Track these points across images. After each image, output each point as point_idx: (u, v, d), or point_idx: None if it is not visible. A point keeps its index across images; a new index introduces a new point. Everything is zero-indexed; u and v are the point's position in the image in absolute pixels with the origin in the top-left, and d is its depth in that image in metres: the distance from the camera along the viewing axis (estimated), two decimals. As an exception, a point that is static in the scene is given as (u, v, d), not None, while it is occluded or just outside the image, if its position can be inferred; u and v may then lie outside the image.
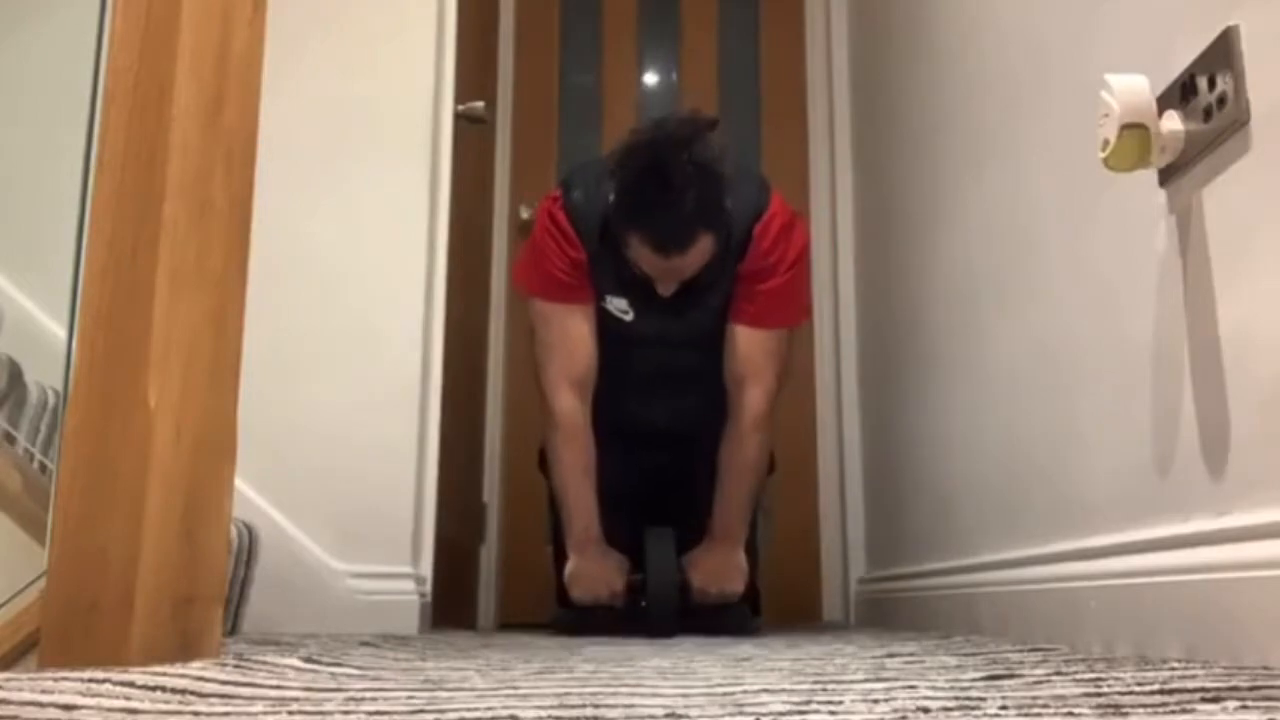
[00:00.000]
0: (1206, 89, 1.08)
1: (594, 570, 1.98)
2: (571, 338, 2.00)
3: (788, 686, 0.81)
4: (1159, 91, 1.14)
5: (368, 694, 0.79)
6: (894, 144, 2.54)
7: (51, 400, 1.63)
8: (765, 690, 0.78)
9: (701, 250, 1.85)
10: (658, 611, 1.89)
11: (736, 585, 2.01)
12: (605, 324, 2.03)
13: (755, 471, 2.04)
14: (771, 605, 2.43)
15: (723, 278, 1.97)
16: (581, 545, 2.00)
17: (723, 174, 1.82)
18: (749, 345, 2.00)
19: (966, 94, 1.97)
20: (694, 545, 2.02)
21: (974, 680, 0.84)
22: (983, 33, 1.89)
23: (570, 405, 2.00)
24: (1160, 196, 1.20)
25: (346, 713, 0.67)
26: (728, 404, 2.04)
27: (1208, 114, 1.07)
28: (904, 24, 2.45)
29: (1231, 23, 1.05)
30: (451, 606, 2.43)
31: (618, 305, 2.02)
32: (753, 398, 2.00)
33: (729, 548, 2.01)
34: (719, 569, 2.00)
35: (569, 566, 2.01)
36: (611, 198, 1.89)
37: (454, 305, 2.27)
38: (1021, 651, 1.21)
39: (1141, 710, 0.62)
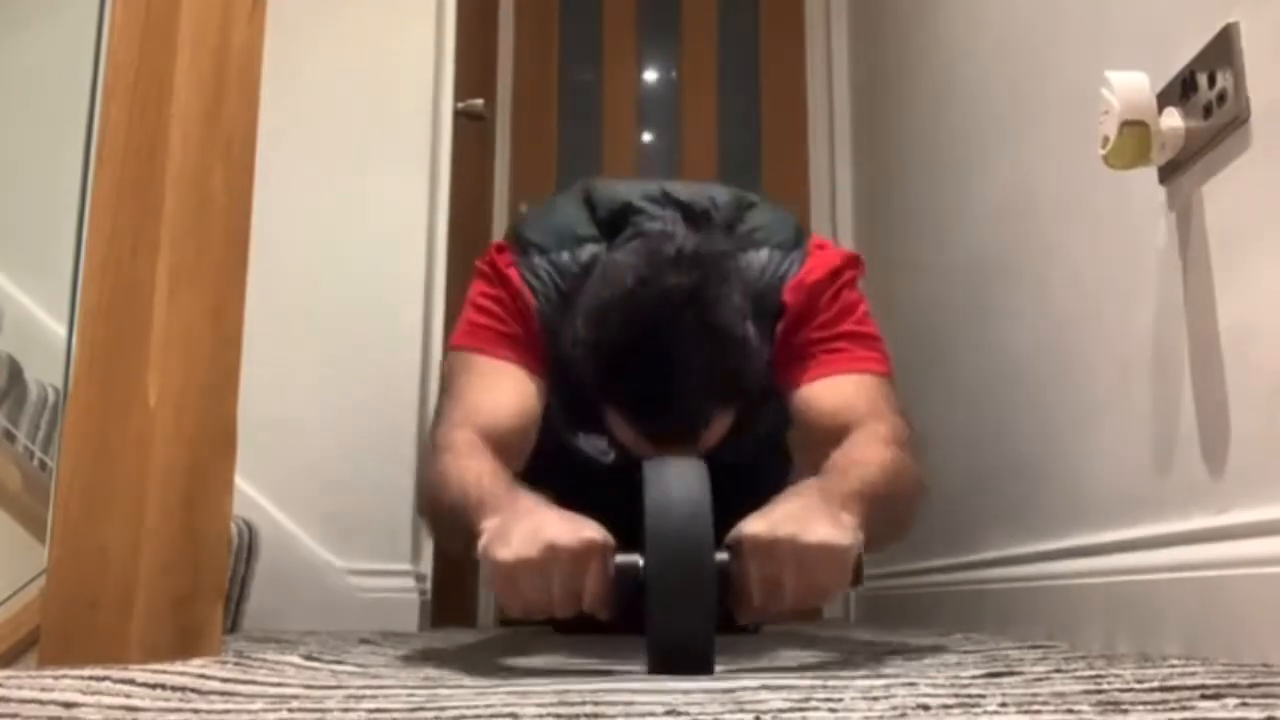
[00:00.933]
0: (1206, 86, 1.08)
1: (537, 541, 0.97)
2: (492, 392, 1.33)
3: (788, 684, 0.81)
4: (1159, 88, 1.14)
5: (367, 691, 0.79)
6: (894, 144, 2.54)
7: (51, 398, 1.63)
8: (765, 687, 0.78)
9: (716, 430, 1.29)
10: (677, 639, 0.93)
11: (839, 581, 1.01)
12: (567, 459, 1.48)
13: (896, 470, 1.18)
14: (771, 603, 2.42)
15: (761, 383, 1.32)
16: (496, 505, 1.08)
17: (746, 337, 1.24)
18: (840, 396, 1.31)
19: (966, 93, 1.97)
20: (748, 498, 1.07)
21: (974, 677, 0.84)
22: (982, 32, 1.89)
23: (466, 437, 1.26)
24: (1160, 193, 1.20)
25: (346, 710, 0.67)
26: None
27: (1208, 111, 1.07)
28: (904, 24, 2.45)
29: (1232, 20, 1.05)
30: (451, 604, 2.43)
31: (594, 445, 1.49)
32: (874, 430, 1.24)
33: (831, 507, 1.05)
34: (812, 546, 0.98)
35: (488, 550, 1.00)
36: (577, 342, 1.26)
37: (453, 302, 2.27)
38: (1021, 649, 1.21)
39: (1141, 707, 0.62)
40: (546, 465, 1.37)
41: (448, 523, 1.19)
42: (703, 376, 1.21)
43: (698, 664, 0.90)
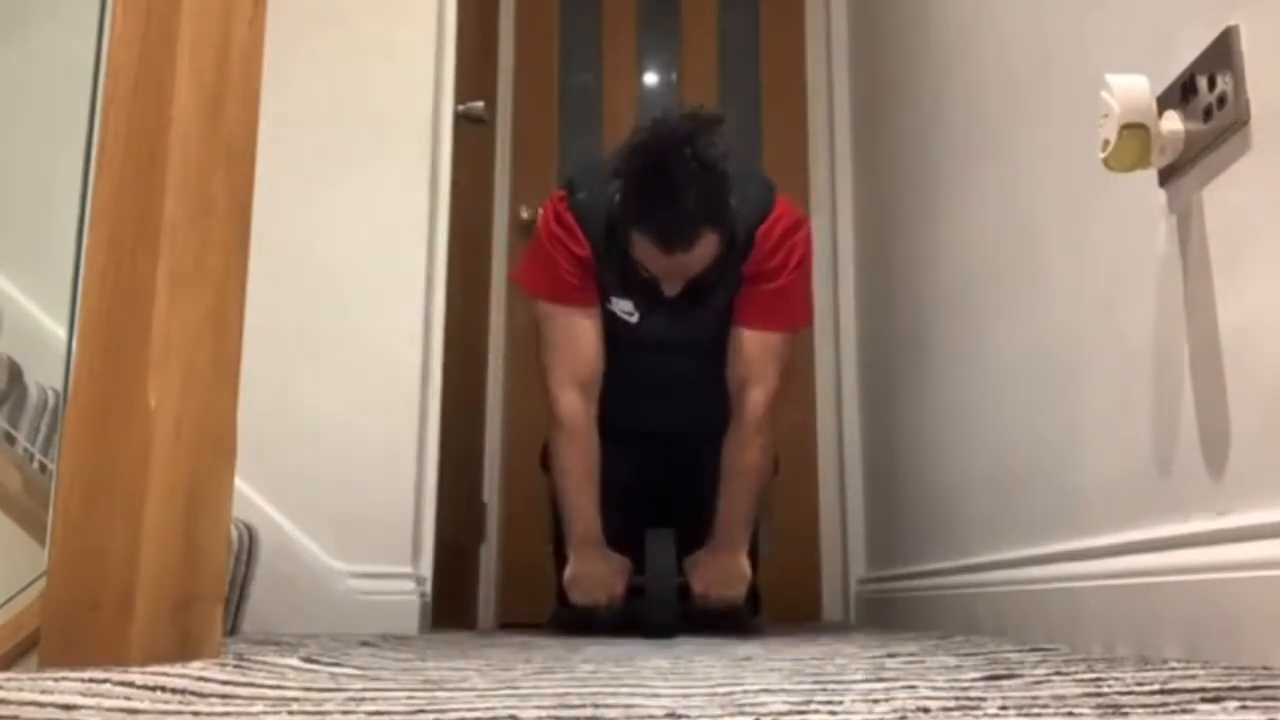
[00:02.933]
0: (1206, 89, 1.08)
1: (594, 572, 1.95)
2: (577, 339, 1.99)
3: (787, 686, 0.81)
4: (1159, 91, 1.14)
5: (367, 694, 0.79)
6: (894, 144, 2.54)
7: (51, 400, 1.63)
8: (765, 690, 0.78)
9: (706, 248, 1.83)
10: (658, 617, 1.86)
11: (738, 591, 1.97)
12: (610, 326, 2.02)
13: (757, 474, 2.01)
14: (771, 605, 2.43)
15: (727, 279, 1.95)
16: (581, 546, 1.97)
17: (727, 172, 1.80)
18: (752, 347, 1.99)
19: (966, 94, 1.97)
20: (697, 547, 2.00)
21: (974, 680, 0.84)
22: (982, 33, 1.89)
23: (575, 406, 1.98)
24: (1160, 196, 1.20)
25: (346, 713, 0.67)
26: (731, 407, 2.02)
27: (1208, 114, 1.07)
28: (904, 24, 2.46)
29: (1231, 23, 1.05)
30: (451, 606, 2.43)
31: (623, 307, 2.01)
32: (755, 400, 1.98)
33: (731, 552, 1.97)
34: (721, 574, 1.96)
35: (568, 569, 1.98)
36: (616, 198, 1.87)
37: (454, 305, 2.27)
38: (1021, 651, 1.21)
39: (1141, 710, 0.62)
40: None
41: (558, 497, 2.03)
42: (697, 194, 1.77)
43: (670, 630, 1.84)
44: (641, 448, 2.13)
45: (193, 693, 0.77)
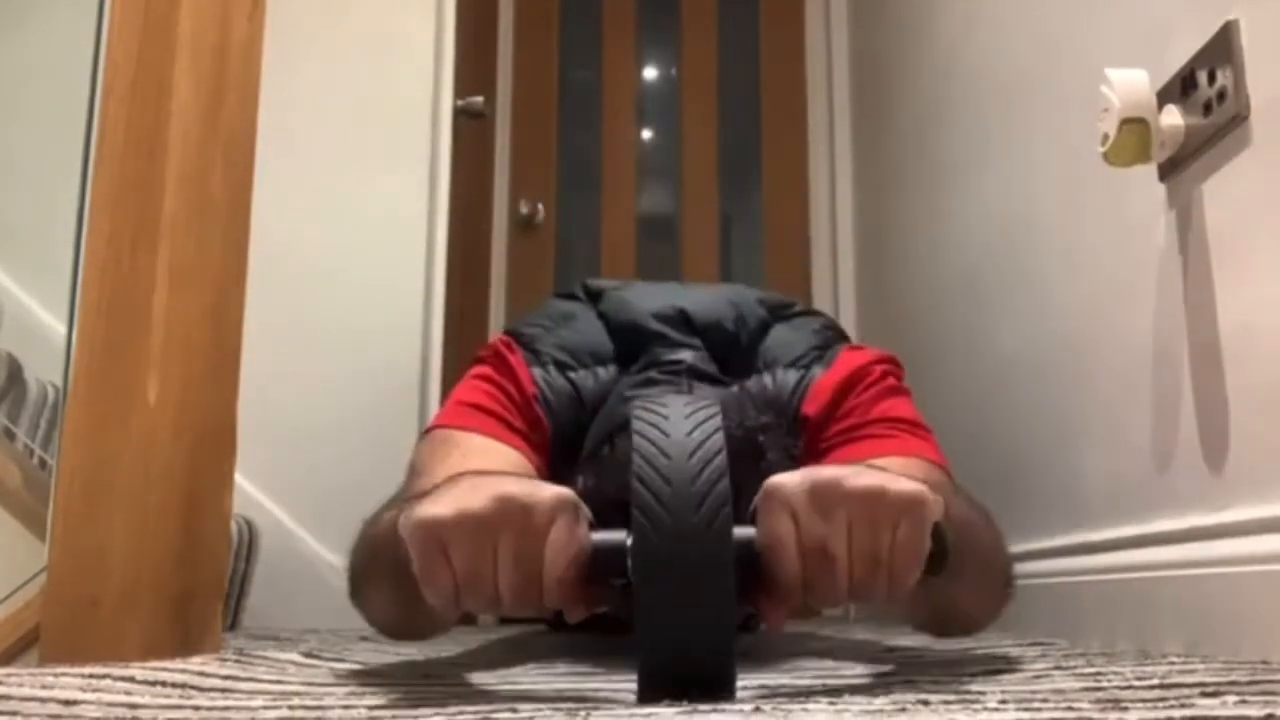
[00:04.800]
0: (1206, 83, 1.08)
1: (472, 489, 0.70)
2: (477, 462, 1.00)
3: (788, 681, 0.81)
4: (1159, 86, 1.14)
5: (368, 689, 0.79)
6: (894, 143, 2.54)
7: (51, 396, 1.63)
8: (763, 684, 0.78)
9: None
10: (669, 652, 0.65)
11: (914, 541, 0.70)
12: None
13: (977, 524, 0.97)
14: (771, 601, 2.42)
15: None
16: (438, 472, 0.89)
17: None
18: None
19: (966, 92, 1.97)
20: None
21: (974, 674, 0.84)
22: (982, 30, 1.89)
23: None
24: (1160, 191, 1.20)
25: (346, 707, 0.67)
26: None
27: (1208, 108, 1.07)
28: (904, 23, 2.45)
29: (1231, 17, 1.05)
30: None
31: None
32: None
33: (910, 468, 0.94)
34: (874, 492, 0.69)
35: (401, 518, 0.73)
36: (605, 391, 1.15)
37: (453, 300, 2.27)
38: (1021, 646, 1.21)
39: (1141, 705, 0.63)
40: None
41: (384, 576, 0.87)
42: None
43: (710, 684, 0.65)
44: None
45: (193, 687, 0.77)
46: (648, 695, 0.65)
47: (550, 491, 0.68)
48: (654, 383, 1.13)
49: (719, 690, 0.65)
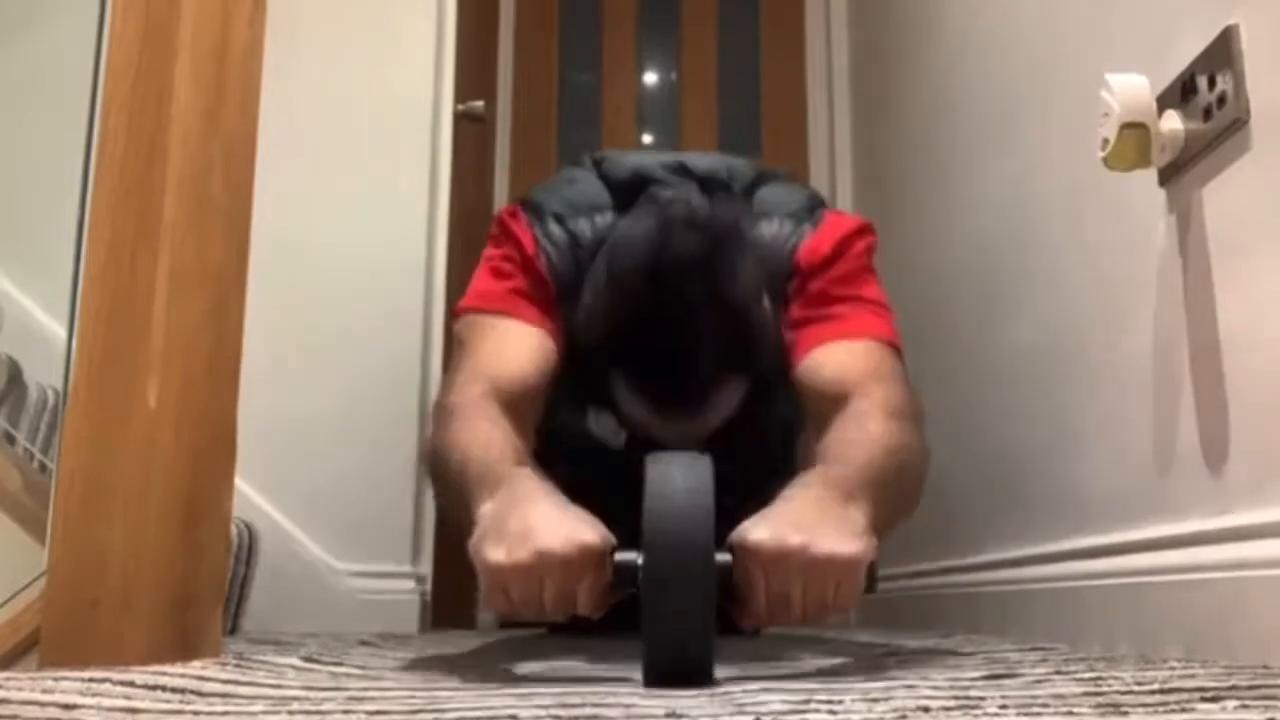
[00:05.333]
0: (1206, 88, 1.08)
1: (528, 541, 0.92)
2: (505, 351, 1.29)
3: (787, 686, 0.81)
4: (1159, 91, 1.14)
5: (368, 693, 0.79)
6: (894, 144, 2.54)
7: (51, 399, 1.63)
8: (765, 689, 0.78)
9: (727, 402, 1.26)
10: (664, 660, 0.85)
11: (849, 594, 0.94)
12: (578, 444, 1.43)
13: (899, 449, 1.13)
14: (771, 604, 2.42)
15: (766, 348, 1.28)
16: (495, 482, 1.05)
17: (752, 303, 1.22)
18: (839, 363, 1.25)
19: (966, 95, 1.97)
20: (750, 498, 1.01)
21: (974, 679, 0.84)
22: (982, 33, 1.89)
23: (474, 396, 1.22)
24: (1160, 196, 1.20)
25: (346, 712, 0.67)
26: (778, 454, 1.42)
27: (1207, 113, 1.07)
28: (904, 24, 2.45)
29: (1231, 22, 1.05)
30: (452, 605, 2.42)
31: (604, 426, 1.44)
32: (872, 398, 1.18)
33: (843, 505, 0.99)
34: (821, 542, 0.92)
35: (473, 543, 0.98)
36: (586, 315, 1.27)
37: (453, 304, 2.27)
38: (1021, 650, 1.21)
39: (1141, 709, 0.62)
40: (558, 452, 1.29)
41: (452, 493, 1.13)
42: (712, 345, 1.18)
43: (694, 675, 0.84)
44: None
45: (193, 692, 0.77)
46: (651, 680, 0.85)
47: (582, 539, 0.91)
48: (655, 201, 1.31)
49: (701, 678, 0.84)
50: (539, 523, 0.94)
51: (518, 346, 1.30)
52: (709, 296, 1.16)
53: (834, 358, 1.26)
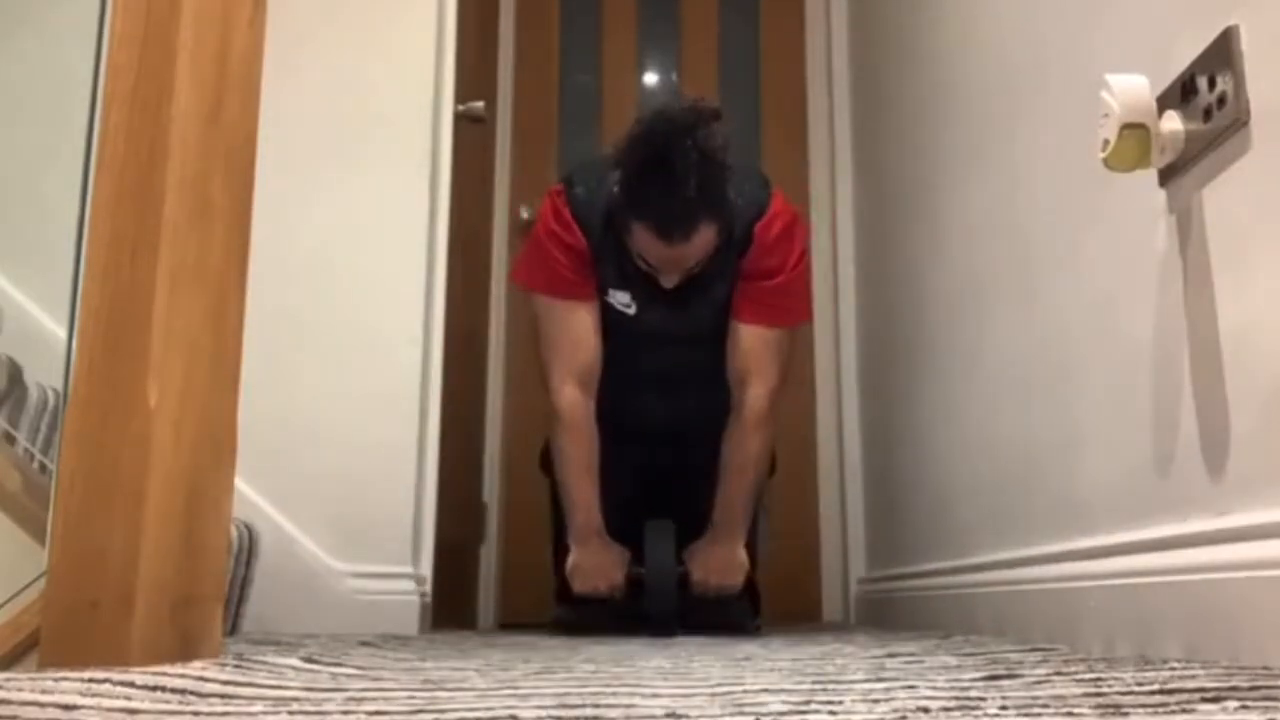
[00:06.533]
0: (1206, 89, 1.08)
1: (595, 562, 2.00)
2: (575, 333, 2.01)
3: (787, 686, 0.81)
4: (1159, 91, 1.14)
5: (368, 694, 0.79)
6: (894, 144, 2.54)
7: (51, 400, 1.63)
8: (765, 690, 0.78)
9: (704, 239, 1.85)
10: (657, 604, 1.92)
11: (736, 579, 2.02)
12: (607, 318, 2.04)
13: (757, 468, 2.05)
14: (771, 605, 2.43)
15: (725, 272, 1.98)
16: (583, 537, 2.00)
17: (726, 163, 1.82)
18: (752, 343, 2.01)
19: (966, 94, 1.97)
20: (696, 538, 2.04)
21: (974, 680, 0.84)
22: (982, 33, 1.89)
23: (574, 399, 2.01)
24: (1160, 196, 1.20)
25: (346, 713, 0.67)
26: (730, 402, 2.04)
27: (1208, 114, 1.07)
28: (904, 24, 2.46)
29: (1231, 23, 1.05)
30: (451, 606, 2.43)
31: (620, 299, 2.03)
32: (755, 395, 2.01)
33: (729, 542, 2.02)
34: (719, 563, 2.01)
35: (570, 559, 2.02)
36: (615, 189, 1.89)
37: (454, 305, 2.27)
38: (1021, 651, 1.21)
39: (1141, 710, 0.63)
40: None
41: (561, 499, 2.07)
42: (697, 184, 1.78)
43: (670, 622, 1.91)
44: (641, 444, 2.14)
45: (193, 693, 0.77)
46: (650, 627, 1.91)
47: (614, 579, 2.01)
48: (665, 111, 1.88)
49: (671, 623, 1.91)
50: (595, 570, 2.00)
51: (586, 331, 2.02)
52: (693, 151, 1.77)
53: (747, 339, 2.02)
